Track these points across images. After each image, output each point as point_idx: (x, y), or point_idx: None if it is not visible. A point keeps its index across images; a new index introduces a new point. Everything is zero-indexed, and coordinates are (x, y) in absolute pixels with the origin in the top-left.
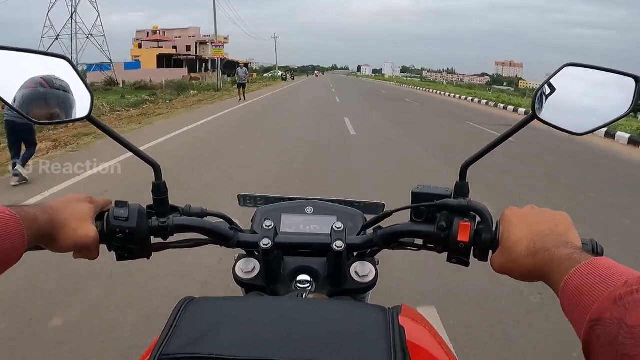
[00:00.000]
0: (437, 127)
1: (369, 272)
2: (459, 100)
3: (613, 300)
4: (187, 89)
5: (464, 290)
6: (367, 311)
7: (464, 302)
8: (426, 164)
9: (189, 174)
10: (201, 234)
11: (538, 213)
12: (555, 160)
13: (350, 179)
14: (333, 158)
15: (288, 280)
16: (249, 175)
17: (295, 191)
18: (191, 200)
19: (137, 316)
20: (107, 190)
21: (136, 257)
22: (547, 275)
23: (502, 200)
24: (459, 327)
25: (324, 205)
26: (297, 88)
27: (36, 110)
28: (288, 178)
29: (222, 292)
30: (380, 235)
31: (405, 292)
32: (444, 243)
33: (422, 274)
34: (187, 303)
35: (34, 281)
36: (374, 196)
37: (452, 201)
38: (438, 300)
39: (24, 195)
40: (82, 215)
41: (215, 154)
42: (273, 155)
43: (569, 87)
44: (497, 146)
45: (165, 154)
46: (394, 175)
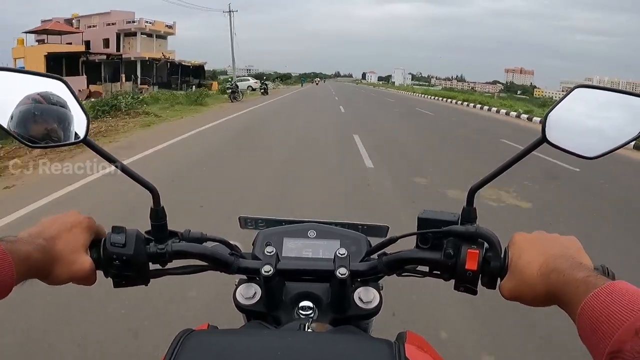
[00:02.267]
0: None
1: (372, 298)
2: (492, 113)
3: (634, 331)
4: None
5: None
6: (371, 346)
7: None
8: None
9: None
10: (200, 260)
11: (547, 237)
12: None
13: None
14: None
15: (290, 306)
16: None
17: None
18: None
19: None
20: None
21: (133, 284)
22: (561, 298)
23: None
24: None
25: (327, 228)
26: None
27: (33, 127)
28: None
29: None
30: (385, 262)
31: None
32: (451, 271)
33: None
34: (186, 335)
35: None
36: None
37: (460, 228)
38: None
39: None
40: (76, 247)
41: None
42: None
43: (580, 109)
44: (507, 170)
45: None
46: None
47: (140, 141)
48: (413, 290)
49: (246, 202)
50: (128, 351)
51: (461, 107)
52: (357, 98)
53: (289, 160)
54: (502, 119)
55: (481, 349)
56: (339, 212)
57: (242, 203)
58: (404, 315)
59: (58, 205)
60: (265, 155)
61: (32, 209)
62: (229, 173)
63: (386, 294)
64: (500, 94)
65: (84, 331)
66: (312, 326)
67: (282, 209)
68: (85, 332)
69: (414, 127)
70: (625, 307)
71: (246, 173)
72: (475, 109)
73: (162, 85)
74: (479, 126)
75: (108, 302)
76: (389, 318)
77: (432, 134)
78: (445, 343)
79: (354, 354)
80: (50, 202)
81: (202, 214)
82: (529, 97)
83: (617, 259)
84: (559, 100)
